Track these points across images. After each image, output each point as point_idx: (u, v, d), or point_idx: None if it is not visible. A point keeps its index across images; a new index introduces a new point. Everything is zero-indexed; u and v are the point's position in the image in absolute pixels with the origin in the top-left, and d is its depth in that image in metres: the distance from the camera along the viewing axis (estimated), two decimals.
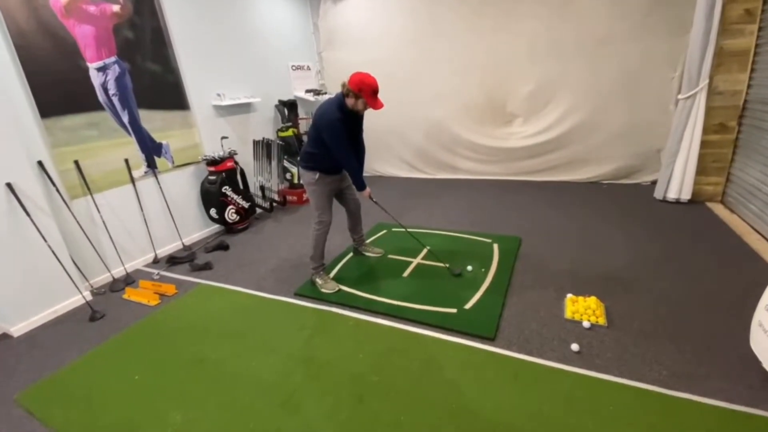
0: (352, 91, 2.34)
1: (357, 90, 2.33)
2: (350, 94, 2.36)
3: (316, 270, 2.80)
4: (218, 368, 2.10)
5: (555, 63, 4.37)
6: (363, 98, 2.36)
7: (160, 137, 3.54)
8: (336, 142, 2.42)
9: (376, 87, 2.35)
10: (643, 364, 1.87)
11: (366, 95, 2.34)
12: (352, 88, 2.33)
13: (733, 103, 3.48)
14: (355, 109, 2.43)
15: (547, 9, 4.22)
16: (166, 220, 3.63)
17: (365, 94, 2.34)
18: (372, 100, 2.37)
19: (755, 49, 3.29)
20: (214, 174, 3.76)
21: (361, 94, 2.34)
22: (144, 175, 3.43)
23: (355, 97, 2.36)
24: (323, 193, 2.68)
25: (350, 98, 2.38)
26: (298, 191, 4.80)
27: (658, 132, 4.08)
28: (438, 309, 2.43)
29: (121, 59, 3.18)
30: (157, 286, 2.98)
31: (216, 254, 3.53)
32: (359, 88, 2.32)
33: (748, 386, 1.70)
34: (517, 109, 4.76)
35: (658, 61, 3.97)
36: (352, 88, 2.33)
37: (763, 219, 3.03)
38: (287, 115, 4.80)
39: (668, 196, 3.82)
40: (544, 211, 3.90)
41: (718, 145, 3.61)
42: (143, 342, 2.40)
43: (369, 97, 2.36)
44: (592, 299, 2.30)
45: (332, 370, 2.00)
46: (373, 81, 2.35)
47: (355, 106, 2.41)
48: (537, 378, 1.86)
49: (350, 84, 2.34)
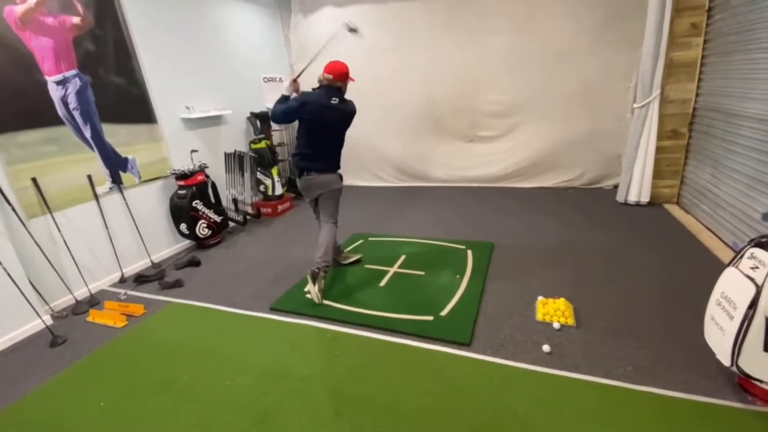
0: (343, 83, 2.70)
1: (346, 78, 2.71)
2: (344, 85, 2.72)
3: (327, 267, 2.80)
4: (190, 389, 2.03)
5: (521, 75, 4.57)
6: (348, 80, 2.73)
7: (126, 152, 3.43)
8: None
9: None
10: (610, 361, 1.96)
11: (350, 78, 2.73)
12: (344, 80, 2.69)
13: (683, 110, 3.73)
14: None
15: (512, 24, 4.43)
16: (134, 237, 3.50)
17: (349, 76, 2.72)
18: (351, 77, 2.75)
19: (701, 60, 3.55)
20: (183, 188, 3.67)
21: (347, 79, 2.72)
22: (109, 191, 3.31)
23: (346, 84, 2.73)
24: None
25: (345, 86, 2.74)
26: (272, 203, 4.74)
27: (617, 139, 4.32)
28: (415, 317, 2.45)
29: (82, 72, 3.08)
30: (123, 307, 2.87)
31: (187, 271, 3.43)
32: (346, 75, 2.69)
33: (706, 377, 1.81)
34: (486, 120, 4.92)
35: (615, 72, 4.23)
36: (345, 80, 2.70)
37: (713, 218, 3.24)
38: (260, 127, 4.76)
39: (629, 199, 4.03)
40: (516, 217, 4.02)
41: (671, 150, 3.85)
42: (109, 366, 2.29)
43: (352, 78, 2.74)
44: (561, 301, 2.39)
45: (309, 386, 1.98)
46: (344, 64, 2.71)
47: (346, 91, 2.77)
48: (511, 381, 1.90)
49: (341, 78, 2.67)
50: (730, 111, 3.04)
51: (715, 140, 3.28)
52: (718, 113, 3.24)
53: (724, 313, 1.66)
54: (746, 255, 1.65)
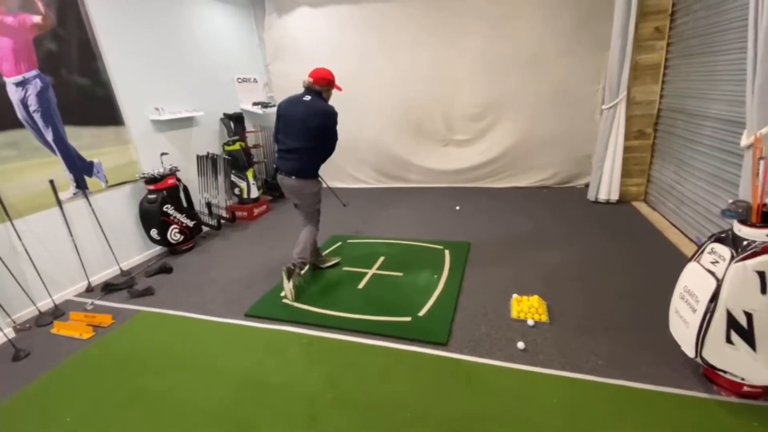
0: (325, 88, 2.66)
1: (327, 84, 2.66)
2: (325, 90, 2.67)
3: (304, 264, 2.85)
4: (161, 400, 1.96)
5: (496, 78, 4.65)
6: (332, 87, 2.69)
7: (91, 155, 3.30)
8: (336, 131, 2.72)
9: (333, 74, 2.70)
10: (582, 355, 2.00)
11: (334, 84, 2.69)
12: (324, 85, 2.64)
13: (648, 111, 3.87)
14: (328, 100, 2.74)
15: (487, 27, 4.49)
16: (101, 245, 3.36)
17: (334, 84, 2.69)
18: (338, 86, 2.72)
19: (665, 62, 3.69)
20: (153, 192, 3.55)
21: (331, 85, 2.68)
22: (73, 196, 3.17)
23: (327, 90, 2.69)
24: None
25: (327, 92, 2.69)
26: (248, 206, 4.65)
27: (587, 139, 4.44)
28: (393, 319, 2.45)
29: (43, 73, 2.94)
30: (90, 318, 2.75)
31: (158, 278, 3.33)
32: (328, 81, 2.65)
33: (672, 369, 1.87)
34: (462, 122, 4.98)
35: (584, 74, 4.35)
36: (324, 85, 2.65)
37: (678, 215, 3.37)
38: (234, 129, 4.66)
39: (599, 197, 4.16)
40: (491, 216, 4.08)
41: (638, 150, 3.99)
42: (75, 379, 2.19)
43: (336, 85, 2.71)
44: (534, 298, 2.43)
45: (285, 392, 1.94)
46: (329, 70, 2.68)
47: (329, 98, 2.73)
48: (487, 379, 1.92)
49: (321, 83, 2.63)
50: (692, 111, 3.17)
51: (679, 140, 3.41)
52: (681, 114, 3.38)
53: (687, 306, 1.72)
54: (707, 250, 1.72)
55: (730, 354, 1.59)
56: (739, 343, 1.56)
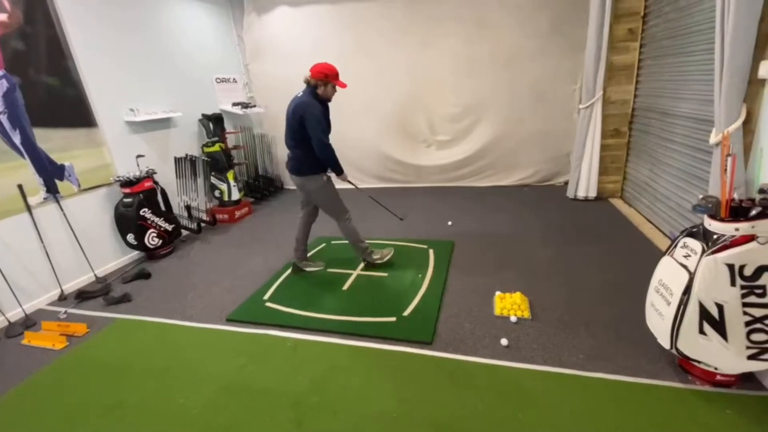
0: (320, 81, 2.56)
1: (324, 78, 2.55)
2: (319, 84, 2.57)
3: (367, 250, 3.01)
4: (140, 411, 1.90)
5: (475, 79, 4.70)
6: (331, 82, 2.59)
7: (62, 158, 3.17)
8: (318, 129, 2.58)
9: (336, 70, 2.61)
10: (563, 350, 2.04)
11: (333, 79, 2.59)
12: (319, 78, 2.55)
13: (623, 110, 3.98)
14: (325, 96, 2.64)
15: (466, 29, 4.53)
16: (74, 251, 3.24)
17: (332, 78, 2.58)
18: (339, 82, 2.62)
19: (638, 63, 3.80)
20: (129, 196, 3.45)
21: (328, 80, 2.57)
22: (43, 201, 3.05)
23: (324, 84, 2.58)
24: (335, 190, 2.87)
25: (320, 87, 2.59)
26: (229, 209, 4.57)
27: (566, 138, 4.54)
28: (378, 319, 2.44)
29: (9, 73, 2.82)
30: (64, 327, 2.64)
31: (136, 284, 3.23)
32: (325, 75, 2.55)
33: (650, 360, 1.93)
34: (443, 123, 5.01)
35: (562, 75, 4.44)
36: (319, 78, 2.55)
37: (653, 210, 3.48)
38: (213, 130, 4.57)
39: (578, 194, 4.25)
40: (474, 215, 4.12)
41: (614, 148, 4.10)
42: (48, 392, 2.10)
43: (336, 80, 2.60)
44: (517, 295, 2.47)
45: (269, 397, 1.91)
46: (332, 66, 2.59)
47: (325, 93, 2.62)
48: (472, 376, 1.94)
49: (316, 76, 2.55)
50: (665, 110, 3.27)
51: (653, 138, 3.52)
52: (654, 113, 3.49)
53: (662, 299, 1.77)
54: (679, 244, 1.77)
55: (703, 344, 1.64)
56: (712, 334, 1.61)
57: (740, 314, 1.56)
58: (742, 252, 1.53)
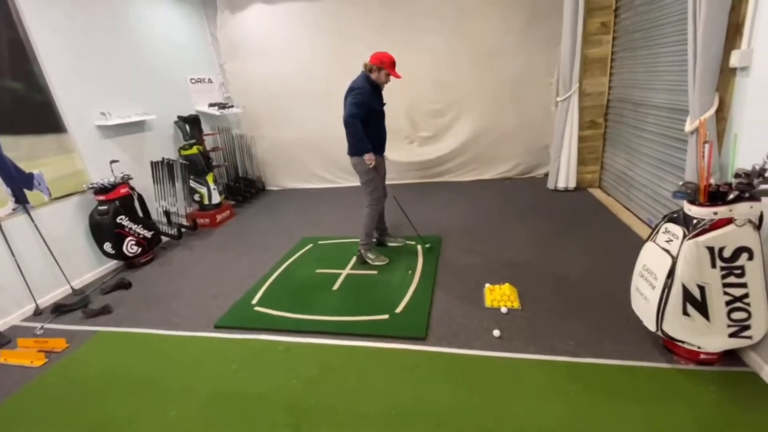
0: (375, 66, 2.76)
1: (379, 63, 2.75)
2: (374, 69, 2.77)
3: (367, 246, 3.10)
4: (130, 426, 1.83)
5: (453, 75, 4.73)
6: (385, 69, 2.76)
7: (30, 166, 3.02)
8: (352, 104, 2.73)
9: (393, 59, 2.81)
10: (554, 338, 2.09)
11: (387, 66, 2.76)
12: (374, 63, 2.76)
13: (599, 102, 4.09)
14: (378, 82, 2.82)
15: (445, 25, 4.55)
16: (47, 263, 3.09)
17: (386, 65, 2.76)
18: (393, 70, 2.81)
19: (612, 55, 3.91)
20: (104, 203, 3.31)
21: (383, 66, 2.75)
22: (12, 212, 2.89)
23: (378, 70, 2.77)
24: (372, 172, 2.96)
25: (374, 72, 2.78)
26: (210, 213, 4.45)
27: (545, 131, 4.63)
28: (370, 318, 2.43)
29: None
30: (41, 343, 2.52)
31: (116, 295, 3.11)
32: (380, 61, 2.75)
33: (636, 343, 1.99)
34: (425, 119, 5.03)
35: (539, 69, 4.52)
36: (375, 64, 2.76)
37: (630, 198, 3.59)
38: (189, 132, 4.44)
39: (558, 185, 4.35)
40: (459, 209, 4.16)
41: (591, 139, 4.21)
42: (29, 412, 2.00)
43: (390, 68, 2.78)
44: (506, 286, 2.50)
45: (264, 403, 1.88)
46: (390, 55, 2.79)
47: (378, 79, 2.81)
48: (466, 369, 1.96)
49: (373, 61, 2.76)
50: (638, 101, 3.38)
51: (627, 128, 3.63)
52: (628, 103, 3.59)
53: (646, 283, 1.83)
54: (661, 230, 1.84)
55: (687, 325, 1.71)
56: (695, 315, 1.68)
57: (721, 295, 1.63)
58: (721, 235, 1.59)
